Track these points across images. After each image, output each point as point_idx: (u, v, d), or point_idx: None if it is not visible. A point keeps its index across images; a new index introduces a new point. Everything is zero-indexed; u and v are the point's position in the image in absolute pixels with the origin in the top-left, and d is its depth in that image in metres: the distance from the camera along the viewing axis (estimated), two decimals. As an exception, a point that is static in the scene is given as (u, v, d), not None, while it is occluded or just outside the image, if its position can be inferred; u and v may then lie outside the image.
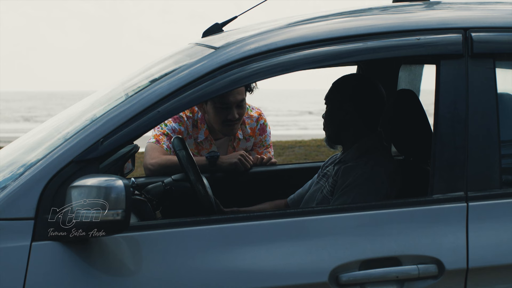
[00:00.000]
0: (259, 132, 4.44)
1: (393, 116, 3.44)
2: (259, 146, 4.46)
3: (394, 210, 2.58)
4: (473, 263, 2.51)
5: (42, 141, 2.72)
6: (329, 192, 3.24)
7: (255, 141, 4.45)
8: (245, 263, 2.45)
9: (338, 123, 3.28)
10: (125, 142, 2.47)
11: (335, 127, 3.30)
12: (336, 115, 3.27)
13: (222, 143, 4.40)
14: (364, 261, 2.49)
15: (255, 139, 4.45)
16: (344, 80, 3.33)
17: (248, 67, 2.54)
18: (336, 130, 3.31)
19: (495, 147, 2.59)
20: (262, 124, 4.45)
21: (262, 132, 4.45)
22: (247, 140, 4.43)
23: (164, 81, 2.55)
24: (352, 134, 3.28)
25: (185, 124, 4.25)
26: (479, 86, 2.60)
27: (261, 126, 4.44)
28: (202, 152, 4.31)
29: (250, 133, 4.42)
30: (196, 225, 2.49)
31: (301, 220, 2.54)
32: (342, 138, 3.32)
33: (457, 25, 2.67)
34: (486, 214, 2.57)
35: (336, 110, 3.27)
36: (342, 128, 3.28)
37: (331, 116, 3.30)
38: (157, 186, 3.50)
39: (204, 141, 4.33)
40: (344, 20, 2.92)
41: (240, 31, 2.94)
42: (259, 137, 4.45)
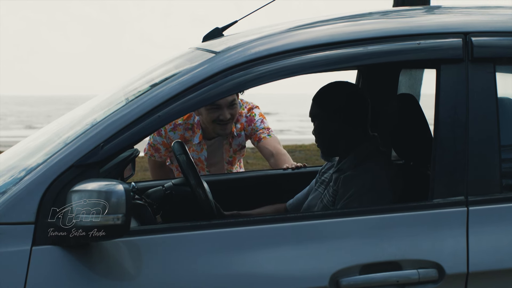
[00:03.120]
0: (247, 124, 4.56)
1: (393, 120, 3.44)
2: (253, 133, 4.57)
3: (395, 214, 2.58)
4: (473, 268, 2.51)
5: (42, 145, 2.72)
6: (330, 202, 3.22)
7: (246, 133, 4.58)
8: (246, 268, 2.45)
9: (329, 137, 3.24)
10: (125, 146, 2.47)
11: (327, 141, 3.26)
12: (325, 130, 3.23)
13: (215, 142, 4.55)
14: (365, 265, 2.49)
15: (246, 131, 4.57)
16: (323, 92, 3.27)
17: (249, 71, 2.55)
18: (328, 144, 3.26)
19: (495, 152, 2.59)
20: (248, 117, 4.56)
21: (250, 122, 4.56)
22: (238, 136, 4.56)
23: (165, 86, 2.55)
24: (345, 144, 3.23)
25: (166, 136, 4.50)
26: (479, 90, 2.60)
27: (247, 119, 4.56)
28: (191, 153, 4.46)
29: (240, 128, 4.55)
30: (196, 230, 2.49)
31: (302, 224, 2.54)
32: (336, 150, 3.28)
33: (457, 29, 2.67)
34: (486, 219, 2.57)
35: (323, 125, 3.22)
36: (335, 141, 3.24)
37: (321, 132, 3.25)
38: (158, 190, 3.49)
39: (197, 145, 4.49)
40: (344, 24, 2.92)
41: (240, 35, 2.94)
42: (249, 127, 4.56)
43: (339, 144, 3.25)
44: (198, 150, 4.51)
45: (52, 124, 3.27)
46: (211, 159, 4.61)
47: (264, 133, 4.57)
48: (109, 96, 3.06)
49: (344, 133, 3.21)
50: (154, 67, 3.25)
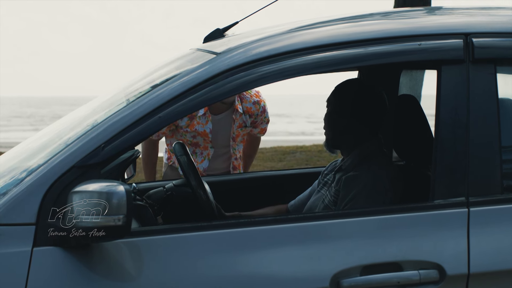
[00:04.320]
0: (260, 114, 4.81)
1: (394, 121, 3.44)
2: (260, 122, 4.86)
3: (395, 215, 2.58)
4: (474, 269, 2.51)
5: (43, 146, 2.72)
6: (332, 202, 3.22)
7: (254, 120, 4.81)
8: (247, 269, 2.45)
9: (338, 126, 3.26)
10: (126, 147, 2.47)
11: (335, 130, 3.29)
12: (337, 119, 3.26)
13: (223, 117, 4.70)
14: (365, 266, 2.49)
15: (255, 118, 4.80)
16: (347, 84, 3.32)
17: (250, 72, 2.55)
18: (335, 134, 3.29)
19: (496, 152, 2.59)
20: (263, 107, 4.80)
21: (263, 112, 4.82)
22: (244, 114, 4.74)
23: (166, 87, 2.55)
24: (352, 139, 3.26)
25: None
26: (480, 91, 2.60)
27: (262, 109, 4.80)
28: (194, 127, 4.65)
29: (246, 110, 4.73)
30: (197, 231, 2.49)
31: (302, 225, 2.54)
32: (341, 142, 3.30)
33: (458, 30, 2.67)
34: (487, 220, 2.57)
35: (336, 113, 3.26)
36: (342, 132, 3.26)
37: (331, 119, 3.28)
38: (158, 191, 3.49)
39: (202, 117, 4.63)
40: (345, 25, 2.92)
41: (241, 36, 2.94)
42: (259, 117, 4.81)
43: (344, 137, 3.26)
44: (203, 123, 4.61)
45: (53, 125, 3.27)
46: (216, 133, 4.71)
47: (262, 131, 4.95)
48: (110, 97, 3.06)
49: (354, 128, 3.23)
50: (155, 68, 3.25)
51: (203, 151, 4.72)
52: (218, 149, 4.75)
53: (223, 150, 4.77)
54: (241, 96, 4.69)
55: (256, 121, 4.80)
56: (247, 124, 4.75)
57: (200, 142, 4.68)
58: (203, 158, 4.72)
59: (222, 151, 4.77)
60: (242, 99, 4.69)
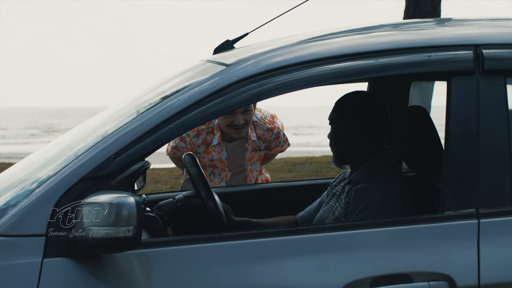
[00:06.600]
0: (274, 140, 4.78)
1: (404, 132, 3.44)
2: (275, 146, 4.84)
3: (405, 227, 2.57)
4: (484, 280, 2.50)
5: (53, 157, 2.72)
6: (342, 214, 3.21)
7: (268, 145, 4.80)
8: (256, 280, 2.45)
9: (344, 142, 3.24)
10: (136, 158, 2.47)
11: (342, 146, 3.27)
12: (342, 135, 3.24)
13: (236, 145, 4.72)
14: (375, 278, 2.48)
15: (268, 143, 4.78)
16: (347, 98, 3.29)
17: (261, 83, 2.55)
18: (343, 150, 3.27)
19: (506, 164, 2.59)
20: (276, 133, 4.78)
21: (276, 138, 4.79)
22: (258, 140, 4.74)
23: (176, 98, 2.55)
24: (359, 153, 3.24)
25: (190, 143, 4.68)
26: (490, 102, 2.59)
27: (276, 135, 4.78)
28: (211, 154, 4.70)
29: (259, 137, 4.73)
30: (207, 242, 2.49)
31: (312, 237, 2.54)
32: (349, 157, 3.29)
33: (468, 42, 2.67)
34: (497, 231, 2.56)
35: (341, 129, 3.24)
36: (349, 147, 3.25)
37: (337, 136, 3.27)
38: (168, 202, 3.50)
39: (217, 146, 4.66)
40: (355, 37, 2.92)
41: (251, 48, 2.94)
42: (273, 142, 4.80)
43: (352, 151, 3.25)
44: (218, 151, 4.68)
45: (63, 136, 3.27)
46: (232, 160, 4.77)
47: (277, 152, 4.96)
48: (120, 108, 3.07)
49: (360, 141, 3.22)
50: (165, 79, 3.26)
51: (221, 173, 4.80)
52: (235, 169, 4.81)
53: (239, 169, 4.83)
54: (255, 124, 4.70)
55: (270, 146, 4.82)
56: (261, 148, 4.77)
57: (218, 165, 4.76)
58: (221, 179, 4.80)
59: (238, 170, 4.83)
60: (256, 126, 4.71)
